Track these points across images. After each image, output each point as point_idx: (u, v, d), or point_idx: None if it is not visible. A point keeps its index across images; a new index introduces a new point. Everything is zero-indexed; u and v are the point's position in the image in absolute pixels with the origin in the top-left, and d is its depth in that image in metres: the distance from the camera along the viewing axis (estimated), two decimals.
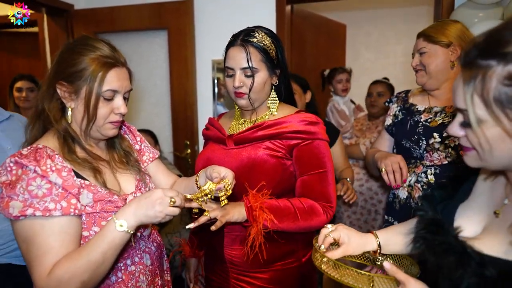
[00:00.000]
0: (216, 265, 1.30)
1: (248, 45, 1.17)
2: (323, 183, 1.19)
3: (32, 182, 0.85)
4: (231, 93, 1.23)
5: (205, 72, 2.78)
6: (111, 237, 0.86)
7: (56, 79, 0.96)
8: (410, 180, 1.48)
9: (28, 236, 0.86)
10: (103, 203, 0.96)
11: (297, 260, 1.25)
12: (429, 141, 1.43)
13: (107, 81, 0.96)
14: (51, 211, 0.85)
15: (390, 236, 0.99)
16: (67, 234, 0.88)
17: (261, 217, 1.07)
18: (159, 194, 0.89)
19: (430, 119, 1.46)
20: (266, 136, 1.19)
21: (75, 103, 0.97)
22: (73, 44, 1.00)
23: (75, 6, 2.87)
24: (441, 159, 1.43)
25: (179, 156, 2.84)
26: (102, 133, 1.02)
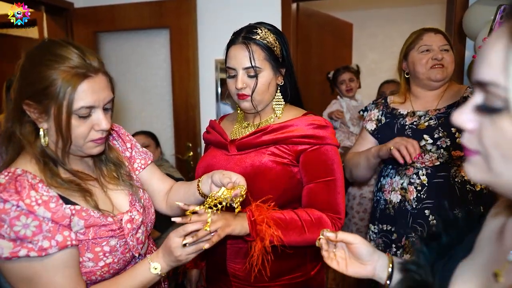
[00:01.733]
0: (218, 277, 1.22)
1: (250, 42, 1.08)
2: (331, 192, 1.10)
3: (16, 221, 0.75)
4: (233, 95, 1.15)
5: (207, 72, 2.70)
6: (143, 278, 0.88)
7: (22, 98, 0.83)
8: (402, 183, 1.47)
9: (28, 277, 0.78)
10: (96, 228, 0.87)
11: (305, 274, 1.17)
12: (419, 143, 1.40)
13: (79, 97, 0.81)
14: (46, 249, 0.77)
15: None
16: (72, 268, 0.83)
17: (267, 233, 0.98)
18: (171, 240, 0.88)
19: (415, 122, 1.47)
20: (271, 141, 1.11)
21: (48, 123, 0.84)
22: (36, 54, 0.84)
23: (74, 5, 2.81)
24: (432, 160, 1.42)
25: (180, 159, 2.76)
26: (85, 152, 0.90)
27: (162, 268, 0.88)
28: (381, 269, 0.79)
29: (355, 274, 0.82)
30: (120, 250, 0.92)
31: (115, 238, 0.90)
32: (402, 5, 4.30)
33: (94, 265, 0.88)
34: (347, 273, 0.82)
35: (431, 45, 1.46)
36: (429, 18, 4.18)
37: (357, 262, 0.81)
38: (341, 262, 0.82)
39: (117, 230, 0.91)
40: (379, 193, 1.57)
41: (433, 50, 1.46)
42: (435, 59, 1.44)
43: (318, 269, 1.20)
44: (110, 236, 0.89)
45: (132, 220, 0.96)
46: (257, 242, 0.98)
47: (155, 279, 0.89)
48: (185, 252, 0.87)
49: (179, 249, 0.87)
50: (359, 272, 0.81)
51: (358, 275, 0.81)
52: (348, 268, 0.81)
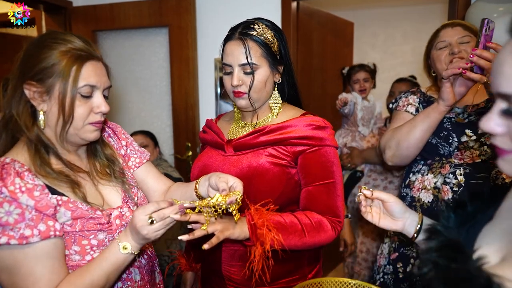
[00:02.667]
0: (213, 280, 1.20)
1: (247, 38, 1.06)
2: (331, 195, 1.07)
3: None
4: (229, 93, 1.12)
5: (207, 71, 2.68)
6: (115, 259, 0.84)
7: (23, 79, 0.84)
8: (436, 181, 1.35)
9: (9, 266, 0.77)
10: (84, 221, 0.86)
11: (303, 277, 1.15)
12: (460, 138, 1.30)
13: (83, 75, 0.85)
14: (28, 238, 0.76)
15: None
16: (55, 259, 0.81)
17: (267, 237, 0.95)
18: (136, 219, 0.83)
19: (454, 117, 1.35)
20: (268, 142, 1.08)
21: (48, 104, 0.85)
22: (40, 39, 0.87)
23: (73, 3, 2.79)
24: (473, 157, 1.30)
25: (180, 159, 2.74)
26: (82, 136, 0.90)
27: (132, 246, 0.85)
28: (410, 226, 0.91)
29: (385, 227, 0.93)
30: (106, 245, 0.90)
31: (103, 232, 0.89)
32: (404, 4, 4.26)
33: (80, 258, 0.87)
34: (379, 225, 0.93)
35: (448, 40, 1.39)
36: (431, 17, 4.14)
37: (389, 218, 0.93)
38: (375, 216, 0.94)
39: (106, 224, 0.90)
40: (406, 189, 1.46)
41: (450, 45, 1.38)
42: (452, 53, 1.36)
43: (316, 272, 1.18)
44: (98, 229, 0.88)
45: (122, 216, 0.94)
46: (257, 246, 0.95)
47: (129, 259, 0.86)
48: (152, 230, 0.83)
49: (145, 228, 0.82)
50: (389, 226, 0.93)
51: (389, 228, 0.93)
52: (380, 221, 0.93)
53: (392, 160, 1.42)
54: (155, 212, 0.83)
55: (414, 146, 1.34)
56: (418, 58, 4.28)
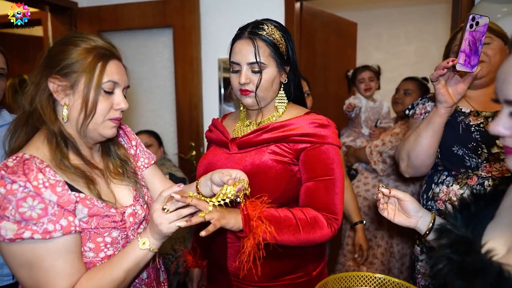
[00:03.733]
0: (219, 277, 1.21)
1: (256, 38, 1.07)
2: (329, 192, 1.07)
3: (23, 203, 0.76)
4: (236, 91, 1.13)
5: (211, 72, 2.69)
6: (134, 256, 0.86)
7: (48, 74, 0.86)
8: (462, 193, 1.26)
9: (30, 260, 0.78)
10: (99, 218, 0.87)
11: (307, 274, 1.15)
12: (491, 149, 1.20)
13: (107, 72, 0.88)
14: (51, 232, 0.77)
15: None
16: (74, 254, 0.82)
17: (260, 229, 0.96)
18: (151, 210, 0.86)
19: (482, 123, 1.25)
20: (271, 139, 1.09)
21: (70, 99, 0.87)
22: (66, 37, 0.91)
23: (78, 4, 2.82)
24: (502, 171, 1.21)
25: (183, 158, 2.76)
26: (101, 132, 0.92)
27: (151, 243, 0.87)
28: (423, 223, 0.97)
29: (400, 223, 0.99)
30: (121, 243, 0.92)
31: (117, 230, 0.91)
32: (407, 4, 4.27)
33: (94, 255, 0.88)
34: (394, 221, 1.00)
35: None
36: (435, 18, 4.14)
37: (404, 215, 0.99)
38: (390, 212, 1.00)
39: (119, 222, 0.91)
40: (430, 202, 1.37)
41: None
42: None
43: (320, 269, 1.19)
44: (112, 227, 0.89)
45: (135, 214, 0.96)
46: (250, 238, 0.95)
47: (148, 256, 0.88)
48: (166, 219, 0.83)
49: (159, 216, 0.83)
50: (403, 223, 0.99)
51: (403, 225, 0.99)
52: (395, 217, 1.00)
53: (407, 171, 1.37)
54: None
55: (424, 154, 1.28)
56: (421, 58, 4.32)
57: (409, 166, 1.34)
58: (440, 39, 4.12)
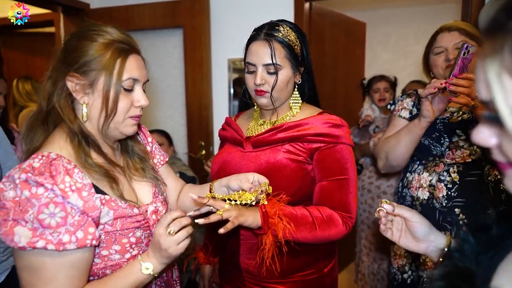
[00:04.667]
0: (232, 273, 1.23)
1: (272, 39, 1.09)
2: (343, 191, 1.10)
3: (44, 209, 0.72)
4: (251, 91, 1.15)
5: (221, 72, 2.72)
6: (135, 278, 0.84)
7: (65, 71, 0.83)
8: (431, 179, 1.40)
9: (33, 267, 0.75)
10: (123, 219, 0.86)
11: (319, 271, 1.17)
12: (452, 138, 1.36)
13: (127, 68, 0.85)
14: (65, 244, 0.74)
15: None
16: (77, 269, 0.79)
17: (279, 226, 0.98)
18: (156, 234, 0.84)
19: (447, 117, 1.39)
20: (286, 138, 1.11)
21: (90, 97, 0.84)
22: (81, 30, 0.86)
23: (90, 5, 2.86)
24: (464, 157, 1.36)
25: (193, 157, 2.78)
26: (122, 130, 0.89)
27: (154, 267, 0.85)
28: (435, 250, 0.81)
29: (407, 247, 0.84)
30: (144, 242, 0.91)
31: (140, 229, 0.89)
32: (416, 4, 4.25)
33: (120, 257, 0.86)
34: (399, 244, 0.84)
35: (444, 45, 1.41)
36: (444, 17, 4.10)
37: (411, 237, 0.83)
38: (395, 233, 0.85)
39: (142, 221, 0.89)
40: (405, 189, 1.51)
41: (446, 50, 1.41)
42: (447, 59, 1.40)
43: (331, 267, 1.21)
44: (136, 227, 0.87)
45: (157, 211, 0.95)
46: (269, 235, 0.98)
47: (148, 279, 0.86)
48: (173, 242, 0.82)
49: (166, 240, 0.82)
50: (410, 247, 0.83)
51: (410, 249, 0.83)
52: (400, 240, 0.84)
53: (383, 169, 1.57)
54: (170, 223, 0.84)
55: (401, 158, 1.46)
56: None
57: (386, 165, 1.53)
58: None
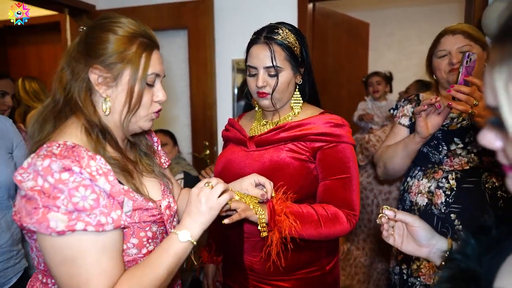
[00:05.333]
0: (235, 271, 1.25)
1: (272, 42, 1.11)
2: (347, 190, 1.12)
3: (75, 192, 0.70)
4: (253, 93, 1.17)
5: (224, 72, 2.74)
6: (175, 250, 0.80)
7: (88, 63, 0.80)
8: (430, 186, 1.41)
9: (73, 255, 0.70)
10: (141, 212, 0.84)
11: (321, 269, 1.19)
12: (450, 146, 1.36)
13: (151, 63, 0.84)
14: (104, 225, 0.72)
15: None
16: (117, 252, 0.76)
17: (285, 223, 1.00)
18: (195, 191, 0.83)
19: (447, 123, 1.38)
20: (289, 138, 1.13)
21: (113, 91, 0.82)
22: (103, 22, 0.83)
23: (96, 7, 2.89)
24: (462, 164, 1.37)
25: (197, 157, 2.81)
26: (141, 125, 0.88)
27: (192, 232, 0.81)
28: (437, 253, 0.82)
29: (409, 252, 0.85)
30: (159, 238, 0.90)
31: (156, 224, 0.88)
32: (420, 4, 4.25)
33: (137, 252, 0.85)
34: (401, 250, 0.85)
35: (448, 49, 1.40)
36: (448, 17, 4.11)
37: (413, 242, 0.84)
38: (397, 239, 0.86)
39: (158, 216, 0.88)
40: (405, 193, 1.52)
41: (450, 54, 1.40)
42: (451, 63, 1.39)
43: (333, 264, 1.22)
44: (152, 221, 0.86)
45: (170, 206, 0.94)
46: (275, 232, 1.00)
47: (188, 249, 0.82)
48: (213, 194, 0.82)
49: (205, 192, 0.81)
50: (413, 252, 0.84)
51: (412, 254, 0.85)
52: (403, 245, 0.85)
53: (382, 176, 1.63)
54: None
55: (398, 169, 1.51)
56: None
57: (384, 173, 1.58)
58: None
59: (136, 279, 0.75)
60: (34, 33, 3.52)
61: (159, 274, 0.77)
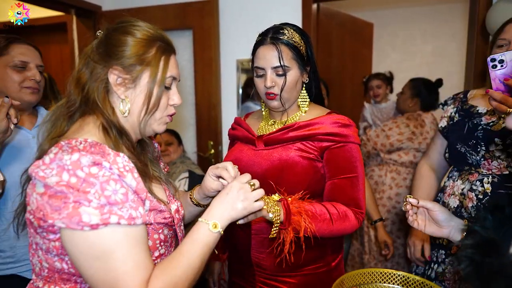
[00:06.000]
0: (242, 268, 1.27)
1: (278, 43, 1.13)
2: (354, 188, 1.15)
3: (106, 186, 0.69)
4: (262, 94, 1.19)
5: (229, 72, 2.76)
6: (206, 240, 0.79)
7: (107, 64, 0.82)
8: (463, 188, 1.34)
9: (107, 250, 0.69)
10: (155, 213, 0.83)
11: (326, 265, 1.21)
12: (489, 147, 1.26)
13: (170, 67, 0.86)
14: (134, 219, 0.72)
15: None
16: (147, 245, 0.76)
17: (301, 223, 1.02)
18: (237, 185, 0.84)
19: (492, 122, 1.27)
20: (298, 137, 1.16)
21: (131, 92, 0.83)
22: (122, 26, 0.85)
23: (102, 8, 2.92)
24: (501, 168, 1.26)
25: (202, 156, 2.83)
26: (154, 128, 0.89)
27: (221, 224, 0.81)
28: (457, 233, 0.94)
29: (432, 233, 0.97)
30: (169, 242, 0.90)
31: (167, 227, 0.88)
32: (424, 3, 4.26)
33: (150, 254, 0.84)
34: (425, 232, 0.98)
35: (508, 38, 1.24)
36: (452, 17, 4.12)
37: (434, 225, 0.97)
38: (421, 223, 0.98)
39: (169, 219, 0.87)
40: (440, 193, 1.49)
41: (509, 44, 1.24)
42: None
43: (338, 261, 1.25)
44: (164, 223, 0.86)
45: (178, 211, 0.94)
46: (290, 231, 1.02)
47: (216, 240, 0.82)
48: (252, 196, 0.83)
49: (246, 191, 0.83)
50: (435, 233, 0.97)
51: (435, 235, 0.97)
52: (426, 228, 0.98)
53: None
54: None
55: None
56: (438, 58, 4.30)
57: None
58: (457, 39, 4.10)
59: (171, 270, 0.74)
60: (41, 34, 3.55)
61: (192, 263, 0.77)
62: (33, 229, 0.76)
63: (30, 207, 0.74)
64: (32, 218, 0.73)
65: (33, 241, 0.79)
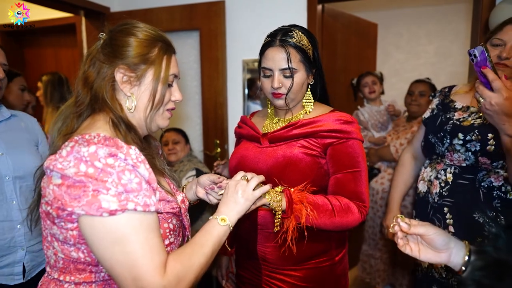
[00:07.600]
0: (248, 262, 1.31)
1: (287, 45, 1.16)
2: (357, 183, 1.18)
3: (122, 175, 0.74)
4: (268, 94, 1.23)
5: (235, 72, 2.80)
6: (217, 232, 0.88)
7: (114, 63, 0.87)
8: (431, 175, 1.46)
9: (125, 234, 0.73)
10: (164, 203, 0.89)
11: (331, 259, 1.25)
12: (452, 140, 1.37)
13: (171, 65, 0.92)
14: (149, 206, 0.76)
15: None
16: (159, 232, 0.80)
17: (302, 212, 1.06)
18: (232, 183, 0.95)
19: (463, 118, 1.38)
20: (301, 134, 1.19)
21: (136, 90, 0.89)
22: (126, 27, 0.90)
23: (111, 9, 2.98)
24: (460, 161, 1.37)
25: (209, 155, 2.88)
26: (158, 123, 0.95)
27: (229, 218, 0.91)
28: (457, 257, 0.79)
29: (428, 260, 0.82)
30: (177, 231, 0.94)
31: (175, 217, 0.93)
32: (428, 4, 4.27)
33: None
34: (420, 259, 0.83)
35: (505, 39, 1.24)
36: (455, 17, 4.13)
37: (430, 250, 0.82)
38: (413, 247, 0.84)
39: (177, 209, 0.92)
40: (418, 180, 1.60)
41: (503, 46, 1.24)
42: (499, 56, 1.24)
43: (342, 255, 1.28)
44: (173, 213, 0.90)
45: (184, 201, 0.99)
46: (292, 219, 1.06)
47: (227, 233, 0.90)
48: (248, 187, 0.93)
49: (242, 184, 0.93)
50: (432, 259, 0.82)
51: (432, 262, 0.82)
52: (421, 254, 0.83)
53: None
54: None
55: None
56: (442, 58, 4.31)
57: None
58: (461, 39, 4.11)
59: (187, 255, 0.81)
60: (50, 35, 3.61)
61: (205, 251, 0.84)
62: (50, 220, 0.79)
63: (46, 198, 0.77)
64: (49, 209, 0.77)
65: (48, 233, 0.83)
